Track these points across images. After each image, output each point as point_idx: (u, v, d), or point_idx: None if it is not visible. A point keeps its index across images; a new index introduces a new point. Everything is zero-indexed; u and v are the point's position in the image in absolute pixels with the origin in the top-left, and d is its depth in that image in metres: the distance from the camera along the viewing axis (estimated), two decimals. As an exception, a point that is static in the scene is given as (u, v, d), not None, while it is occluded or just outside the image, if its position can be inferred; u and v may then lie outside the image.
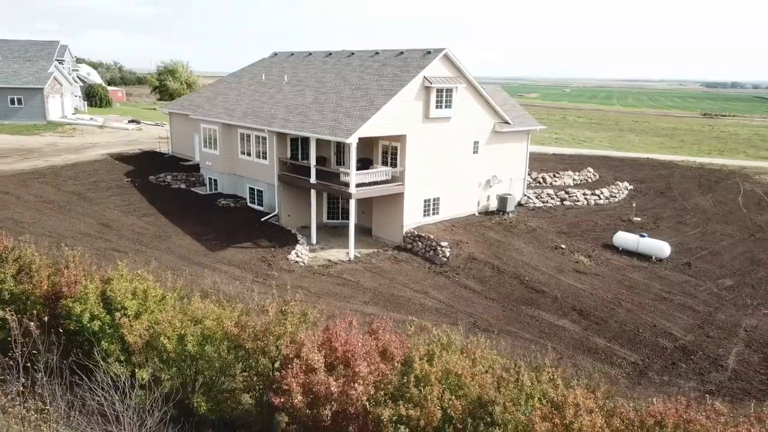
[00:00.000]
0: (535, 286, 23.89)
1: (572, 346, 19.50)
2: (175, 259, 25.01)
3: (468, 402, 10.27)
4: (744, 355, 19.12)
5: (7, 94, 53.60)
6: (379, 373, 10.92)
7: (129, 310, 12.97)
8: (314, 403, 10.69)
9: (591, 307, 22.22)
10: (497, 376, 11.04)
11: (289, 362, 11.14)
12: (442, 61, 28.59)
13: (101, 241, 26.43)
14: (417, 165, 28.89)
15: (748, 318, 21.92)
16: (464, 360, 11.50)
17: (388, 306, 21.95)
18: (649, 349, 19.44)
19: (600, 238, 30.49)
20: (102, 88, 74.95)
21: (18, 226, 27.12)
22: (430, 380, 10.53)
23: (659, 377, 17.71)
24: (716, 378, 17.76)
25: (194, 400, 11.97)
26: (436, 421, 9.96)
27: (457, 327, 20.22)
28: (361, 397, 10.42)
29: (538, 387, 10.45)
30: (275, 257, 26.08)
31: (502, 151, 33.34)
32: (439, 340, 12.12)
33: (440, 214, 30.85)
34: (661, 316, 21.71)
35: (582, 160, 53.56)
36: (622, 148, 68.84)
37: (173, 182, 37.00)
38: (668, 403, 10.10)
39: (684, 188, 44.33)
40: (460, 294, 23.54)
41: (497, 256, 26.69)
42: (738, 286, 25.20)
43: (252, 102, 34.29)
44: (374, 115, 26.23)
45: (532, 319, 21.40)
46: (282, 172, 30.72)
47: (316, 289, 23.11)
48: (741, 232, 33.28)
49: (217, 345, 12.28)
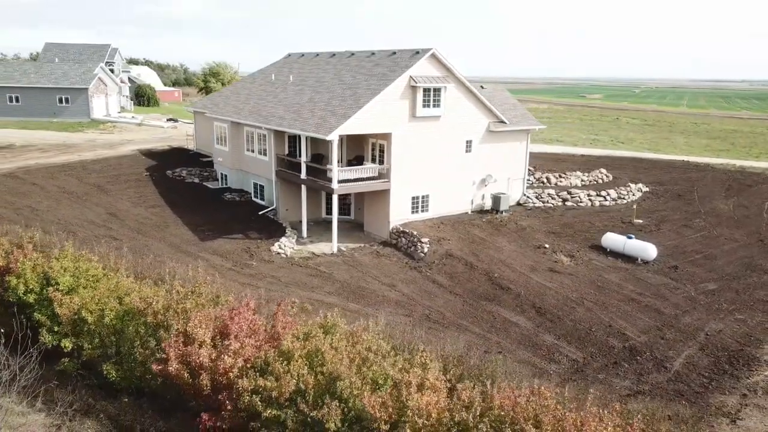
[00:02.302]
0: (501, 283, 24.09)
1: (518, 342, 19.70)
2: (165, 247, 26.72)
3: (324, 377, 11.02)
4: (693, 358, 18.76)
5: (56, 94, 57.88)
6: (255, 348, 11.84)
7: (62, 285, 14.41)
8: (194, 372, 11.71)
9: (551, 306, 22.25)
10: (362, 357, 11.70)
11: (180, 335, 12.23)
12: (429, 60, 29.09)
13: (103, 229, 28.52)
14: (404, 163, 29.53)
15: (716, 322, 21.36)
16: (342, 341, 12.25)
17: (350, 297, 22.77)
18: (596, 348, 19.39)
19: (592, 239, 30.14)
20: (150, 88, 79.26)
21: (33, 213, 29.66)
22: (293, 356, 11.35)
23: (594, 375, 17.71)
24: (654, 378, 17.58)
25: (105, 368, 13.23)
26: (287, 393, 10.76)
27: (410, 318, 20.88)
28: (230, 369, 11.35)
29: (392, 368, 11.05)
30: (259, 248, 27.38)
31: (499, 151, 33.41)
32: (324, 322, 12.89)
33: (430, 212, 31.33)
34: (621, 317, 21.51)
35: (608, 162, 52.41)
36: (661, 150, 66.50)
37: (187, 177, 39.12)
38: (514, 390, 10.54)
39: (708, 191, 42.78)
40: (426, 288, 24.05)
41: (474, 254, 26.98)
42: (721, 290, 24.47)
43: (258, 101, 35.86)
44: (355, 114, 27.08)
45: (488, 315, 21.68)
46: (279, 168, 32.07)
47: (287, 280, 24.20)
48: (749, 237, 32.01)
49: (130, 319, 13.51)
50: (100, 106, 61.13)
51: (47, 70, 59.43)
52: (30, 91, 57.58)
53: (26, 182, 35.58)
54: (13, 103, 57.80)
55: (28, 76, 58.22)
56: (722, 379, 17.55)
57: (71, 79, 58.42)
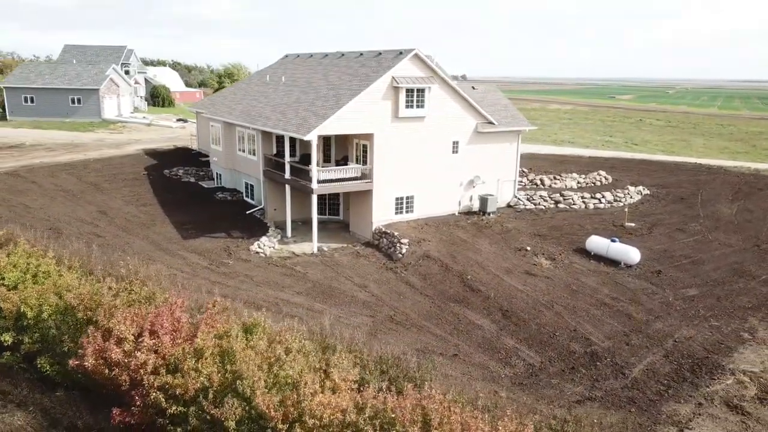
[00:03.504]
0: (473, 285, 23.86)
1: (477, 345, 19.49)
2: (147, 245, 27.17)
3: (231, 375, 11.08)
4: (655, 365, 18.30)
5: (68, 95, 59.38)
6: (173, 346, 11.96)
7: (7, 280, 14.77)
8: (110, 368, 11.89)
9: (519, 309, 21.95)
10: (276, 356, 11.74)
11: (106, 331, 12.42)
12: (412, 61, 28.99)
13: (90, 226, 29.12)
14: (387, 163, 29.47)
15: (688, 329, 20.80)
16: (261, 341, 12.31)
17: (318, 297, 22.81)
18: (556, 352, 19.06)
19: (578, 242, 29.59)
20: (164, 89, 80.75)
21: (26, 210, 30.47)
22: (204, 354, 11.43)
23: (548, 380, 17.41)
24: (609, 385, 17.20)
25: (39, 362, 13.51)
26: (193, 391, 10.84)
27: (373, 319, 20.82)
28: (142, 365, 11.48)
29: (293, 369, 11.07)
30: (238, 247, 27.63)
31: (487, 152, 33.09)
32: (249, 321, 12.95)
33: (415, 213, 31.21)
34: (589, 322, 21.10)
35: (615, 164, 51.61)
36: (675, 152, 65.05)
37: (184, 176, 39.70)
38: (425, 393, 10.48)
39: (714, 194, 41.76)
40: (398, 289, 23.96)
41: (452, 255, 26.77)
42: (701, 296, 23.83)
43: (250, 102, 36.21)
44: (335, 114, 27.14)
45: (453, 317, 21.49)
46: (267, 168, 32.31)
47: (259, 279, 24.37)
48: (745, 242, 31.11)
49: (66, 315, 13.77)
50: (112, 106, 62.48)
51: (61, 72, 61.02)
52: (44, 91, 59.18)
53: (26, 180, 36.55)
54: (28, 103, 59.48)
55: (42, 77, 59.85)
56: (680, 388, 17.08)
57: (83, 80, 59.87)
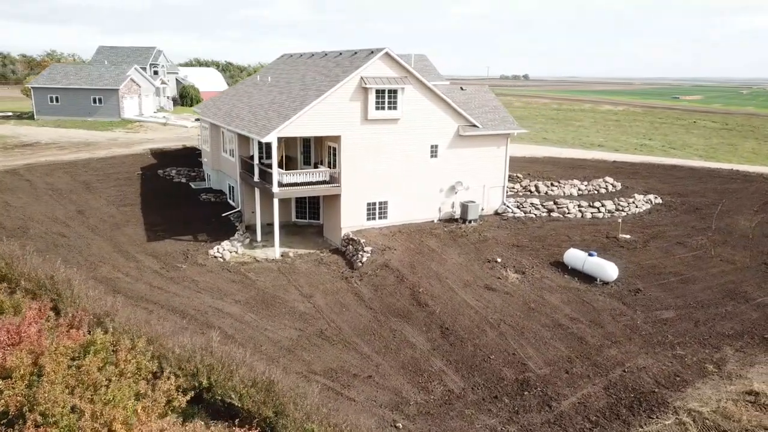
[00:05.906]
0: (422, 299, 22.36)
1: (401, 366, 18.07)
2: (106, 247, 26.99)
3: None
4: (590, 399, 16.41)
5: (90, 95, 61.00)
6: None
7: None
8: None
9: (461, 327, 20.33)
10: (93, 380, 10.89)
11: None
12: (383, 60, 27.68)
13: (61, 226, 29.24)
14: (356, 167, 28.29)
15: (645, 358, 18.69)
16: (97, 357, 11.51)
17: (255, 308, 21.88)
18: (484, 378, 17.41)
19: (558, 254, 27.47)
20: (193, 89, 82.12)
21: (4, 208, 30.99)
22: (12, 374, 10.69)
23: (461, 410, 15.84)
24: (529, 419, 15.48)
25: None
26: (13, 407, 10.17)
27: (301, 333, 19.74)
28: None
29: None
30: (198, 251, 27.06)
31: (472, 156, 31.37)
32: (88, 340, 12.16)
33: (389, 219, 29.89)
34: (534, 345, 19.28)
35: (639, 169, 48.66)
36: (714, 158, 60.64)
37: (176, 176, 39.72)
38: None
39: (737, 205, 38.47)
40: (344, 300, 22.74)
41: (412, 265, 25.32)
42: (676, 319, 21.52)
43: (236, 102, 35.74)
44: (296, 115, 26.18)
45: (389, 333, 20.11)
46: (242, 170, 31.70)
47: (204, 285, 23.68)
48: (753, 259, 28.20)
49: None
50: (132, 106, 63.82)
51: (86, 72, 62.84)
52: (68, 91, 61.04)
53: (21, 178, 37.39)
54: (54, 103, 61.51)
55: (68, 78, 61.76)
56: (609, 426, 15.21)
57: (105, 80, 61.39)
